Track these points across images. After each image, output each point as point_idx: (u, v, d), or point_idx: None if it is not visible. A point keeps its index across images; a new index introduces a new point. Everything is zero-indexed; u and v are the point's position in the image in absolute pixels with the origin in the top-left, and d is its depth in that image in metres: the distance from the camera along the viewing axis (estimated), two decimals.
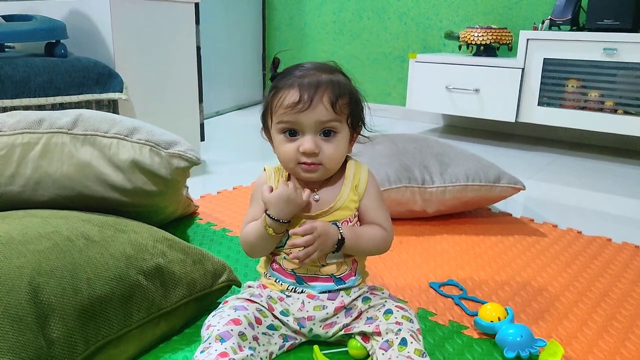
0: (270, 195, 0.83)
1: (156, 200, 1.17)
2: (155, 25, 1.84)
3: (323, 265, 0.88)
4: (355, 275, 0.91)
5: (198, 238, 1.35)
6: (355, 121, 0.87)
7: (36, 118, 1.11)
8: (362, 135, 0.91)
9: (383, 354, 0.79)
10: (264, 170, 0.93)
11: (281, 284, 0.90)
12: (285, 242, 0.88)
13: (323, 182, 0.88)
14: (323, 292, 0.89)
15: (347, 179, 0.89)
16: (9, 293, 0.73)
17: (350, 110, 0.85)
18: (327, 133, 0.83)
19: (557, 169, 2.20)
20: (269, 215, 0.83)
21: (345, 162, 0.91)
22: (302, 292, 0.89)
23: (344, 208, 0.88)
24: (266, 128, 0.89)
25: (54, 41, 1.67)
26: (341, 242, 0.85)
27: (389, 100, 3.24)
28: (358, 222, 0.91)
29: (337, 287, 0.89)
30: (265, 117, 0.88)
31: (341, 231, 0.85)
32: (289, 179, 0.89)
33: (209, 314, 0.85)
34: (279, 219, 0.83)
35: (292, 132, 0.84)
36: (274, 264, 0.91)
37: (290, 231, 0.84)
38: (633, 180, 2.04)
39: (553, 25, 2.39)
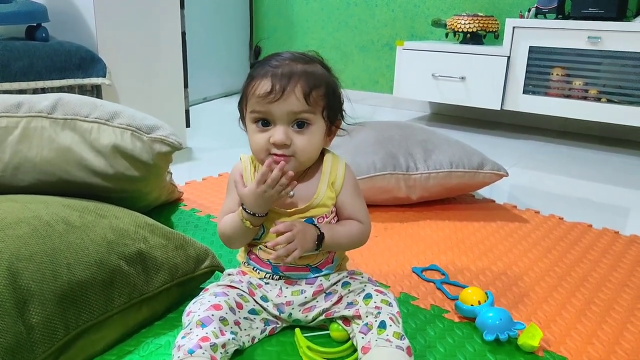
0: (244, 190, 0.82)
1: (139, 186, 1.16)
2: (139, 9, 1.81)
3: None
4: (332, 263, 0.91)
5: (182, 224, 1.34)
6: (333, 114, 0.86)
7: (14, 101, 1.09)
8: (340, 128, 0.89)
9: (362, 337, 0.80)
10: (240, 159, 0.92)
11: (258, 272, 0.90)
12: (261, 235, 0.87)
13: (298, 176, 0.87)
14: (301, 278, 0.89)
15: (323, 174, 0.88)
16: None
17: (326, 103, 0.83)
18: (301, 124, 0.82)
19: (541, 156, 2.21)
20: (245, 210, 0.83)
21: (323, 155, 0.89)
22: (279, 278, 0.89)
23: (320, 205, 0.87)
24: (242, 117, 0.88)
25: (35, 24, 1.64)
26: (321, 237, 0.84)
27: (376, 88, 3.23)
28: (336, 217, 0.90)
29: (313, 276, 0.89)
30: (241, 106, 0.87)
31: (319, 227, 0.85)
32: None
33: (192, 299, 0.85)
34: (254, 213, 0.82)
35: (265, 122, 0.82)
36: (251, 254, 0.91)
37: (272, 229, 0.83)
38: (615, 168, 2.07)
39: (539, 13, 2.40)
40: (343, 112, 0.88)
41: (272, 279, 0.89)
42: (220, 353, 0.75)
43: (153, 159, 1.11)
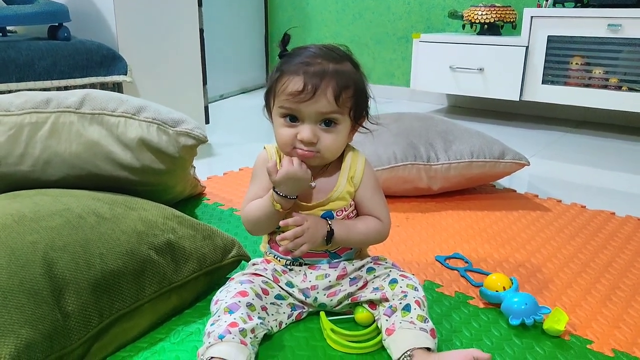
0: (277, 176, 0.82)
1: (164, 179, 1.18)
2: (158, 7, 1.84)
3: None
4: (351, 249, 0.92)
5: (207, 217, 1.36)
6: (358, 113, 0.86)
7: (43, 98, 1.12)
8: (363, 126, 0.90)
9: (387, 319, 0.81)
10: (264, 149, 0.92)
11: (279, 260, 0.92)
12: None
13: (320, 169, 0.88)
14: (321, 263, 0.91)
15: (343, 170, 0.89)
16: (24, 267, 0.75)
17: (354, 103, 0.84)
18: (328, 123, 0.82)
19: (561, 146, 2.20)
20: (277, 193, 0.83)
21: (344, 150, 0.90)
22: (300, 264, 0.91)
23: (340, 199, 0.88)
24: (268, 107, 0.88)
25: (57, 24, 1.67)
26: (330, 233, 0.85)
27: (393, 81, 3.23)
28: (355, 211, 0.91)
29: (334, 261, 0.91)
30: (268, 97, 0.87)
31: (330, 224, 0.86)
32: None
33: (219, 288, 0.87)
34: (286, 195, 0.83)
35: (293, 118, 0.83)
36: (272, 242, 0.93)
37: (281, 222, 0.84)
38: (637, 156, 2.04)
39: (557, 2, 2.37)
40: (368, 110, 0.89)
41: (294, 265, 0.91)
42: (250, 338, 0.77)
43: (179, 152, 1.13)
